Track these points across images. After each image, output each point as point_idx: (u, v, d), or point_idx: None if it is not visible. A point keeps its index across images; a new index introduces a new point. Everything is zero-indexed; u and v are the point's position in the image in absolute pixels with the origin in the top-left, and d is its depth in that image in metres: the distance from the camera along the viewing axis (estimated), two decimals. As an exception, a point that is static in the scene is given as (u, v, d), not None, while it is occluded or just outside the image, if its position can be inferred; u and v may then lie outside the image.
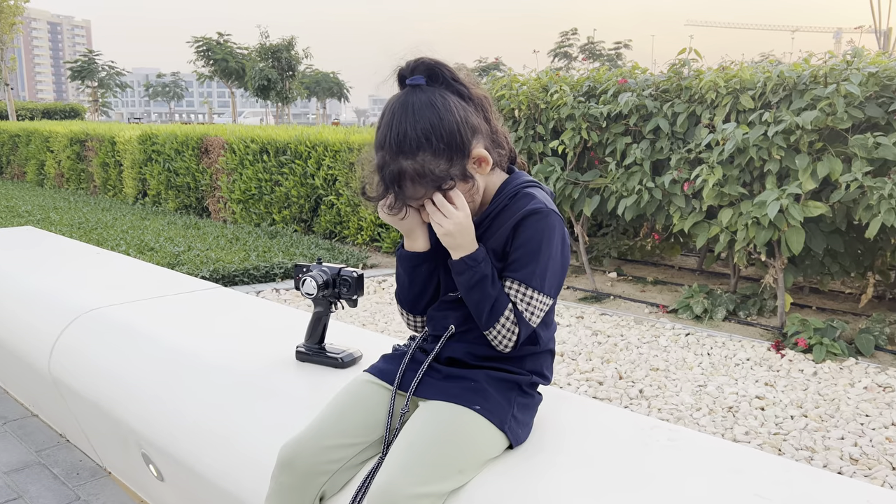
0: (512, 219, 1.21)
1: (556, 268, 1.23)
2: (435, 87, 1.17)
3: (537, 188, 1.27)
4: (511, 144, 1.30)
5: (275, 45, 20.97)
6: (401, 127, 1.14)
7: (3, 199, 8.25)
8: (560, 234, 1.22)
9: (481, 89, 1.23)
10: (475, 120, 1.19)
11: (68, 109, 16.67)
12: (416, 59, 1.18)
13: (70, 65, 31.89)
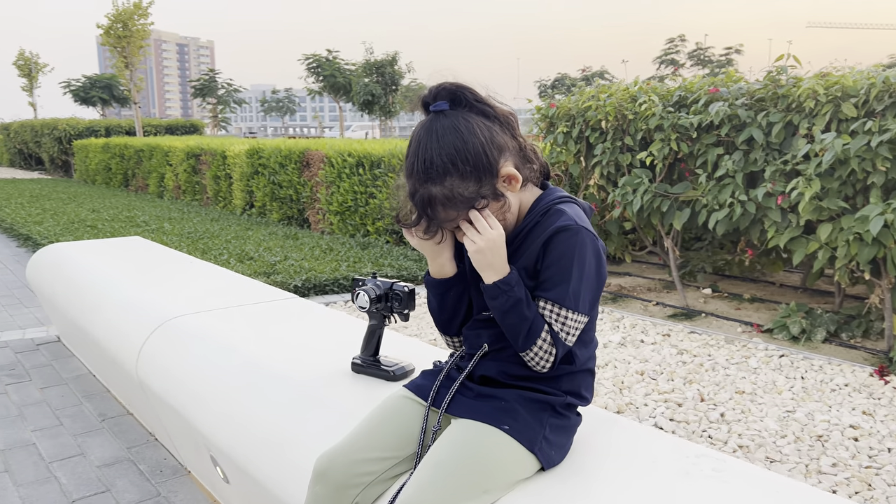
0: (541, 236, 1.20)
1: (591, 285, 1.20)
2: (459, 110, 1.18)
3: (570, 204, 1.25)
4: (542, 159, 1.29)
5: (379, 60, 21.58)
6: (427, 154, 1.15)
7: (126, 210, 8.90)
8: (593, 251, 1.19)
9: (506, 107, 1.23)
10: (501, 139, 1.19)
11: (188, 125, 17.81)
12: (438, 85, 1.19)
13: (193, 83, 34.13)
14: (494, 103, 1.21)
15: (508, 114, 1.22)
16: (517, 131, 1.23)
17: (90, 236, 6.64)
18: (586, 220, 1.22)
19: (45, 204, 9.62)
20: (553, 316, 1.19)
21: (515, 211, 1.25)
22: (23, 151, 19.42)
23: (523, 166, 1.24)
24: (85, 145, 14.49)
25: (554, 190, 1.29)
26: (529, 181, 1.26)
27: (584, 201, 1.32)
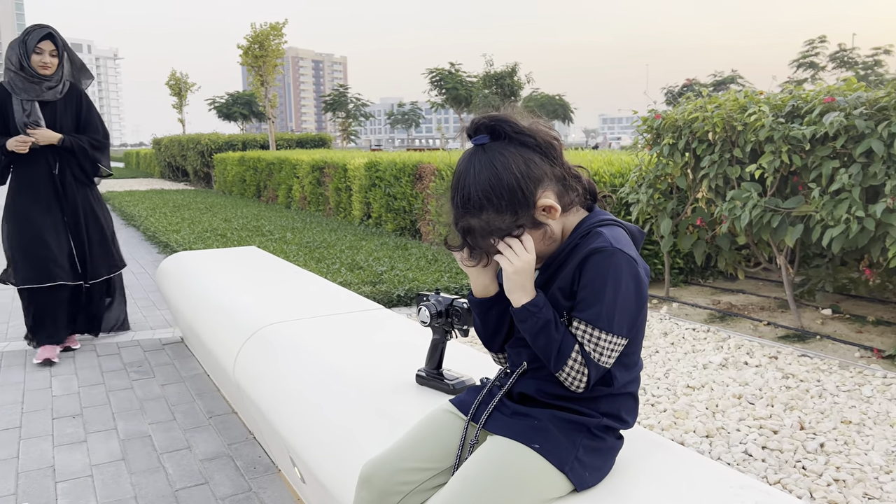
0: (577, 258, 1.22)
1: (627, 306, 1.20)
2: (499, 142, 1.22)
3: (612, 227, 1.25)
4: (587, 182, 1.30)
5: (498, 72, 21.78)
6: (465, 189, 1.21)
7: (254, 220, 9.51)
8: (629, 273, 1.19)
9: (549, 134, 1.25)
10: (539, 170, 1.22)
11: (317, 139, 18.74)
12: (478, 118, 1.24)
13: (325, 98, 35.91)
14: (538, 130, 1.24)
15: (551, 141, 1.25)
16: (559, 158, 1.26)
17: (219, 244, 7.16)
18: (625, 243, 1.23)
19: (185, 213, 10.45)
20: (586, 337, 1.21)
21: (558, 236, 1.28)
22: (171, 164, 21.15)
23: (565, 193, 1.25)
24: (223, 158, 15.60)
25: (599, 213, 1.30)
26: (574, 205, 1.28)
27: (633, 224, 1.32)
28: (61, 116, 3.76)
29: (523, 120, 1.25)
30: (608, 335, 1.20)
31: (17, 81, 3.64)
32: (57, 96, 3.74)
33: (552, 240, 1.26)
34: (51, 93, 3.72)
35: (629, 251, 1.21)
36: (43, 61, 3.61)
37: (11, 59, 3.61)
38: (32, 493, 2.36)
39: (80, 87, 3.88)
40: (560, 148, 1.26)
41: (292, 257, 6.27)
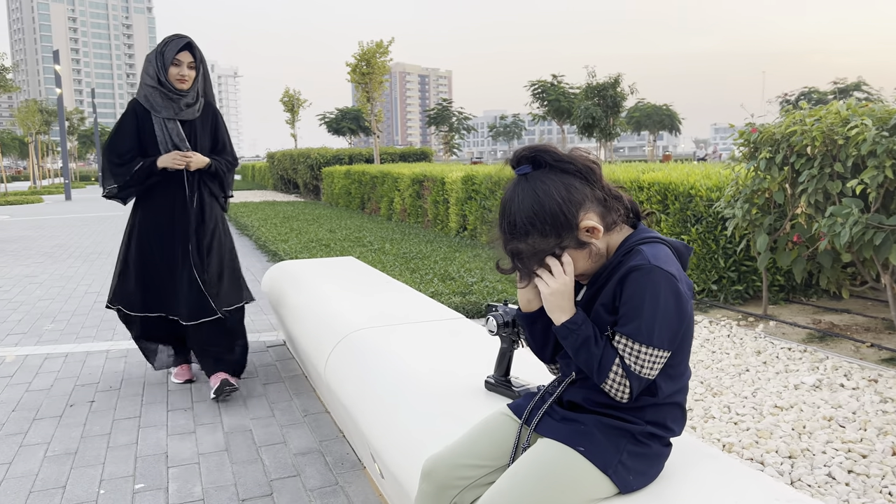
0: (618, 275, 1.30)
1: (667, 320, 1.26)
2: (541, 171, 1.32)
3: (653, 244, 1.32)
4: (629, 201, 1.37)
5: (600, 83, 21.57)
6: (511, 216, 1.32)
7: (357, 231, 9.90)
8: (669, 289, 1.26)
9: (587, 159, 1.34)
10: (580, 194, 1.31)
11: (419, 153, 19.22)
12: (520, 151, 1.35)
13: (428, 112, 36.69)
14: (577, 156, 1.34)
15: (590, 166, 1.34)
16: (599, 181, 1.34)
17: (322, 254, 7.53)
18: (665, 259, 1.29)
19: (293, 224, 11.02)
20: (627, 350, 1.28)
21: (604, 254, 1.36)
22: (283, 177, 22.23)
23: (607, 213, 1.34)
24: (331, 172, 16.28)
25: (642, 230, 1.37)
26: (617, 224, 1.36)
27: (677, 241, 1.38)
28: (200, 137, 3.49)
29: (562, 149, 1.35)
30: (648, 348, 1.27)
31: (155, 98, 3.35)
32: (195, 114, 3.45)
33: (598, 257, 1.35)
34: (189, 111, 3.43)
35: (668, 267, 1.27)
36: (181, 74, 3.31)
37: (149, 72, 3.35)
38: (147, 476, 2.64)
39: (214, 104, 3.59)
40: (599, 171, 1.35)
41: (388, 267, 6.52)
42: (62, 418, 3.24)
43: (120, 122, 3.42)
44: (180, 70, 3.33)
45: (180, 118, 3.41)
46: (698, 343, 4.21)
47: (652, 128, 40.77)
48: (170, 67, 3.31)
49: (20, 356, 4.29)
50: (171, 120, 3.39)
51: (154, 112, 3.37)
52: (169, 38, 3.36)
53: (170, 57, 3.30)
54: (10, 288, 6.61)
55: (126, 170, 3.36)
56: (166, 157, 3.36)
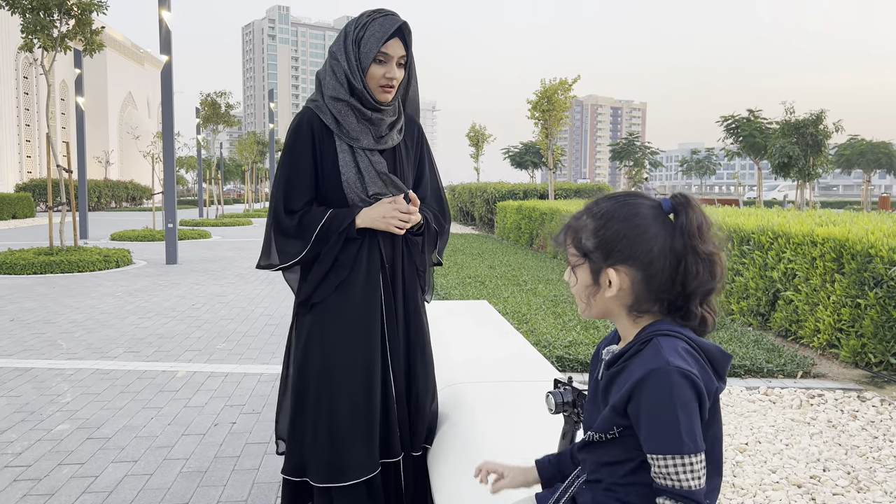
0: (633, 377, 1.21)
1: (692, 421, 1.16)
2: (673, 218, 1.25)
3: (670, 338, 1.21)
4: (702, 317, 1.25)
5: (800, 120, 19.88)
6: (610, 202, 1.29)
7: (516, 268, 9.95)
8: (690, 392, 1.15)
9: (711, 251, 1.23)
10: (648, 257, 1.22)
11: (595, 189, 18.95)
12: (678, 193, 1.28)
13: (612, 146, 36.06)
14: (705, 240, 1.22)
15: (707, 257, 1.22)
16: (687, 278, 1.22)
17: (475, 291, 7.66)
18: (685, 359, 1.18)
19: (458, 258, 11.31)
20: (664, 469, 1.17)
21: (600, 312, 1.31)
22: (462, 209, 22.93)
23: (648, 298, 1.24)
24: (504, 206, 16.54)
25: (665, 322, 1.26)
26: (648, 313, 1.26)
27: (712, 344, 1.24)
28: (402, 172, 2.28)
29: (709, 224, 1.24)
30: (688, 457, 1.16)
31: (346, 116, 2.14)
32: (397, 139, 2.25)
33: (592, 306, 1.30)
34: (391, 135, 2.22)
35: (689, 367, 1.17)
36: (388, 76, 2.09)
37: (335, 73, 2.12)
38: (257, 502, 2.85)
39: (417, 120, 2.37)
40: (703, 268, 1.21)
41: (533, 310, 6.49)
42: (205, 436, 3.59)
43: (290, 150, 2.18)
44: (387, 70, 2.09)
45: (381, 147, 2.20)
46: (859, 426, 3.74)
47: (866, 167, 36.78)
48: (371, 66, 2.08)
49: (189, 372, 4.81)
50: (372, 152, 2.18)
51: (342, 138, 2.16)
52: (371, 14, 2.09)
53: (373, 48, 2.06)
54: (200, 306, 7.44)
55: (302, 235, 2.15)
56: (376, 210, 2.15)
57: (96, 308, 7.26)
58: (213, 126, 25.60)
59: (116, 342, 5.71)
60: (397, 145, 2.26)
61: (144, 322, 6.54)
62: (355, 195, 2.18)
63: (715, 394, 1.21)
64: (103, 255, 10.69)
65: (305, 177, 2.17)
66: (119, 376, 4.69)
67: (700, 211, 1.23)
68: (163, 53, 11.02)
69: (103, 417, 3.85)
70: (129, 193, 42.91)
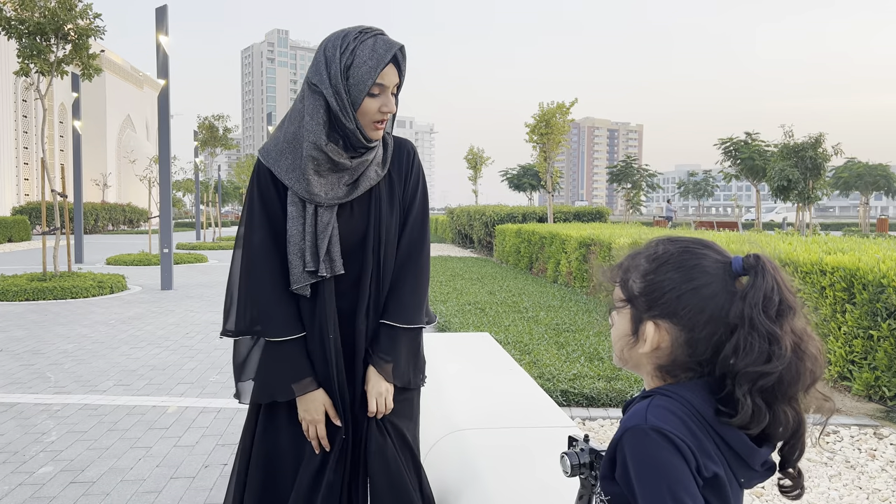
0: (612, 441, 1.07)
1: (678, 489, 0.98)
2: (745, 276, 1.05)
3: (670, 398, 1.05)
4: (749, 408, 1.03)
5: (799, 143, 19.86)
6: (671, 246, 1.12)
7: (516, 294, 9.80)
8: (671, 455, 0.98)
9: (773, 329, 1.01)
10: (697, 318, 1.04)
11: (594, 212, 18.84)
12: (751, 255, 1.07)
13: (609, 169, 36.07)
14: (775, 310, 1.02)
15: (769, 333, 1.01)
16: (745, 346, 1.01)
17: (474, 319, 7.50)
18: (665, 417, 1.02)
19: (457, 283, 11.16)
20: None
21: (633, 366, 1.16)
22: (461, 231, 22.83)
23: (682, 364, 1.08)
24: (503, 229, 16.43)
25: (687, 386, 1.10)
26: (682, 379, 1.11)
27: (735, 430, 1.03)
28: (377, 220, 1.87)
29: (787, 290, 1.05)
30: None
31: (317, 166, 1.76)
32: (374, 178, 1.85)
33: (625, 358, 1.16)
34: (370, 175, 1.84)
35: (662, 424, 1.01)
36: (385, 110, 1.75)
37: (315, 113, 1.73)
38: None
39: (408, 144, 1.97)
40: (785, 352, 1.00)
41: (535, 339, 6.33)
42: (195, 479, 3.42)
43: (248, 203, 1.87)
44: (383, 102, 1.75)
45: (353, 196, 1.83)
46: (879, 466, 3.59)
47: (864, 189, 36.79)
48: (365, 99, 1.73)
49: (181, 407, 4.65)
50: (328, 208, 1.80)
51: (299, 193, 1.79)
52: (353, 35, 1.73)
53: (367, 79, 1.70)
54: (195, 335, 7.27)
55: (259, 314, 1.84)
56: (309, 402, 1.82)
57: (87, 337, 7.10)
58: (211, 149, 25.55)
59: (107, 374, 5.54)
60: (375, 186, 1.87)
61: (136, 352, 6.37)
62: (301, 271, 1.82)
63: (715, 481, 1.02)
64: (97, 281, 10.54)
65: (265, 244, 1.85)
66: (108, 412, 4.52)
67: (774, 278, 1.04)
68: (160, 78, 10.96)
69: (89, 459, 3.68)
70: (127, 216, 42.80)
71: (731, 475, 1.05)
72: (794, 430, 1.05)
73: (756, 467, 1.07)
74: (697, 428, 1.03)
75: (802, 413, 1.06)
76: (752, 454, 1.05)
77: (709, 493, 1.02)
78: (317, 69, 1.76)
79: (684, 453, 0.99)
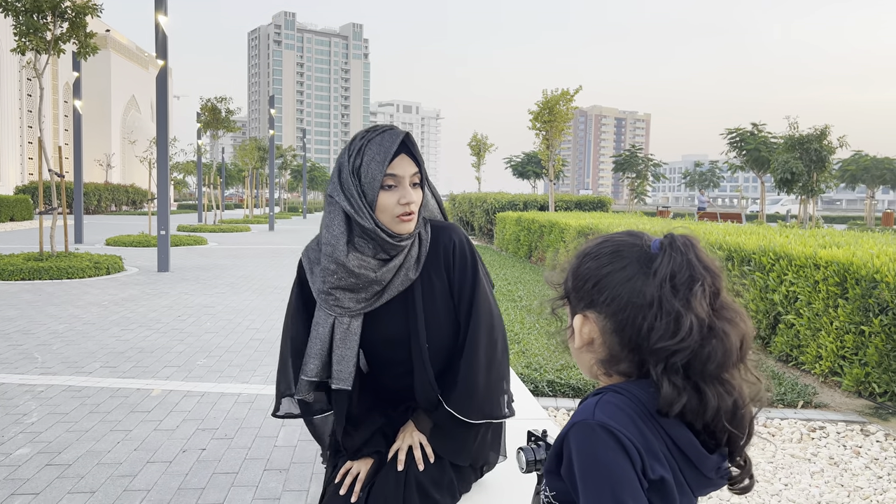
0: (559, 435, 1.03)
1: (621, 489, 0.93)
2: (654, 253, 1.04)
3: (620, 395, 1.00)
4: (716, 409, 0.99)
5: (804, 136, 19.69)
6: (597, 241, 1.13)
7: (512, 282, 9.75)
8: (616, 453, 0.94)
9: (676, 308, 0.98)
10: (616, 303, 1.02)
11: (596, 201, 18.75)
12: (668, 234, 1.07)
13: (614, 158, 35.88)
14: (684, 290, 0.99)
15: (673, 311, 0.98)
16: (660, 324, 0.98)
17: (469, 308, 7.46)
18: (613, 416, 0.97)
19: (455, 271, 11.10)
20: None
21: (582, 367, 1.13)
22: (462, 218, 22.77)
23: (618, 355, 1.03)
24: (504, 217, 16.37)
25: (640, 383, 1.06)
26: (621, 374, 1.06)
27: (683, 430, 1.00)
28: (414, 321, 1.84)
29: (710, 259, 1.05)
30: None
31: (335, 278, 1.76)
32: (411, 277, 1.82)
33: (579, 363, 1.13)
34: (395, 283, 1.81)
35: (609, 420, 0.97)
36: (405, 202, 1.72)
37: (333, 224, 1.74)
38: (215, 543, 2.66)
39: (446, 234, 1.91)
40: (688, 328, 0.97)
41: (526, 329, 6.29)
42: (171, 464, 3.40)
43: (295, 292, 1.93)
44: (401, 194, 1.73)
45: (378, 304, 1.83)
46: (863, 463, 3.55)
47: (870, 182, 36.55)
48: (379, 194, 1.72)
49: (165, 391, 4.62)
50: (356, 316, 1.81)
51: (326, 302, 1.80)
52: (360, 136, 1.76)
53: (377, 173, 1.70)
54: (186, 318, 7.25)
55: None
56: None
57: (79, 318, 7.08)
58: (214, 131, 25.49)
59: (94, 356, 5.52)
60: (408, 287, 1.84)
61: (126, 334, 6.36)
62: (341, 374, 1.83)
63: (661, 484, 0.97)
64: (94, 262, 10.52)
65: (300, 335, 1.88)
66: (91, 394, 4.50)
67: (684, 257, 1.01)
68: (159, 58, 10.89)
69: (67, 441, 3.67)
70: (130, 197, 42.85)
71: (682, 479, 1.00)
72: (731, 411, 1.00)
73: (708, 473, 1.02)
74: (647, 427, 0.99)
75: (741, 394, 1.02)
76: (702, 459, 1.01)
77: (654, 496, 0.98)
78: (331, 179, 1.78)
79: (630, 452, 0.95)
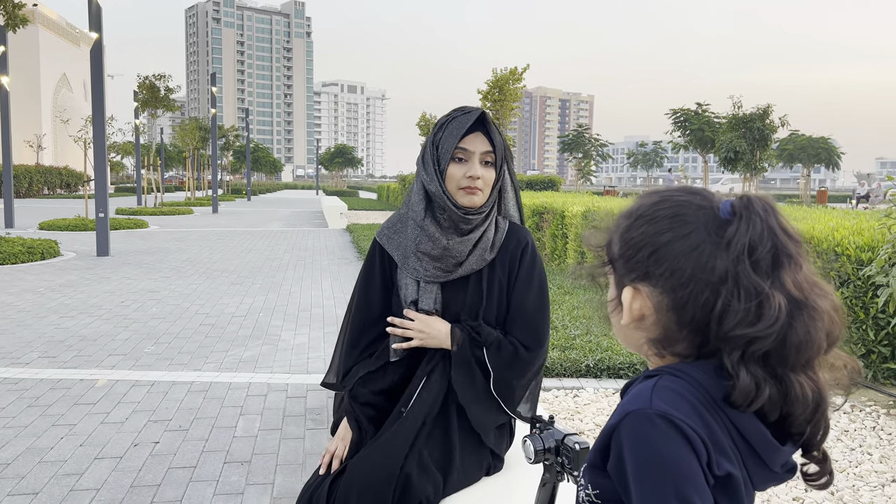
0: (607, 426, 0.87)
1: (685, 486, 0.80)
2: (724, 220, 0.86)
3: (680, 379, 0.86)
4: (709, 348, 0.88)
5: (747, 115, 20.12)
6: (652, 197, 0.94)
7: (470, 263, 9.63)
8: (679, 445, 0.80)
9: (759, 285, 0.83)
10: (677, 277, 0.86)
11: (547, 181, 18.80)
12: (743, 196, 0.89)
13: (561, 138, 36.13)
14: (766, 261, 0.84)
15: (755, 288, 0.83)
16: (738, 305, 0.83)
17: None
18: (674, 403, 0.83)
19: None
20: None
21: (627, 342, 0.98)
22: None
23: (674, 335, 0.88)
24: (455, 198, 16.24)
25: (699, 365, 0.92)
26: (678, 356, 0.92)
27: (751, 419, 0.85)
28: (472, 303, 1.90)
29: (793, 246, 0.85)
30: None
31: (415, 243, 1.87)
32: (487, 258, 1.88)
33: (623, 338, 0.97)
34: (471, 261, 1.87)
35: (669, 408, 0.82)
36: (471, 175, 1.80)
37: (414, 191, 1.90)
38: (176, 545, 2.45)
39: (521, 233, 1.96)
40: (778, 313, 0.82)
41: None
42: (122, 460, 3.15)
43: (365, 271, 2.02)
44: (468, 168, 1.81)
45: (455, 276, 1.89)
46: (834, 435, 3.55)
47: (807, 161, 37.75)
48: (449, 165, 1.82)
49: (111, 381, 4.34)
50: (432, 283, 1.89)
51: (406, 269, 1.91)
52: (447, 114, 1.88)
53: (450, 145, 1.80)
54: (130, 303, 6.89)
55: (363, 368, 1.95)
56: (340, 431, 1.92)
57: (13, 306, 6.65)
58: (152, 110, 24.51)
59: (31, 345, 5.17)
60: (479, 270, 1.92)
61: (66, 322, 5.99)
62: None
63: (728, 481, 0.84)
64: (27, 247, 9.96)
65: (375, 308, 1.98)
66: (29, 386, 4.19)
67: (764, 223, 0.84)
68: (92, 30, 10.30)
69: (4, 438, 3.38)
70: (63, 180, 41.08)
71: (746, 476, 0.86)
72: (814, 405, 0.85)
73: (775, 468, 0.88)
74: (710, 416, 0.84)
75: (823, 384, 0.87)
76: (772, 453, 0.86)
77: (719, 494, 0.84)
78: (423, 154, 1.91)
79: (695, 445, 0.81)
